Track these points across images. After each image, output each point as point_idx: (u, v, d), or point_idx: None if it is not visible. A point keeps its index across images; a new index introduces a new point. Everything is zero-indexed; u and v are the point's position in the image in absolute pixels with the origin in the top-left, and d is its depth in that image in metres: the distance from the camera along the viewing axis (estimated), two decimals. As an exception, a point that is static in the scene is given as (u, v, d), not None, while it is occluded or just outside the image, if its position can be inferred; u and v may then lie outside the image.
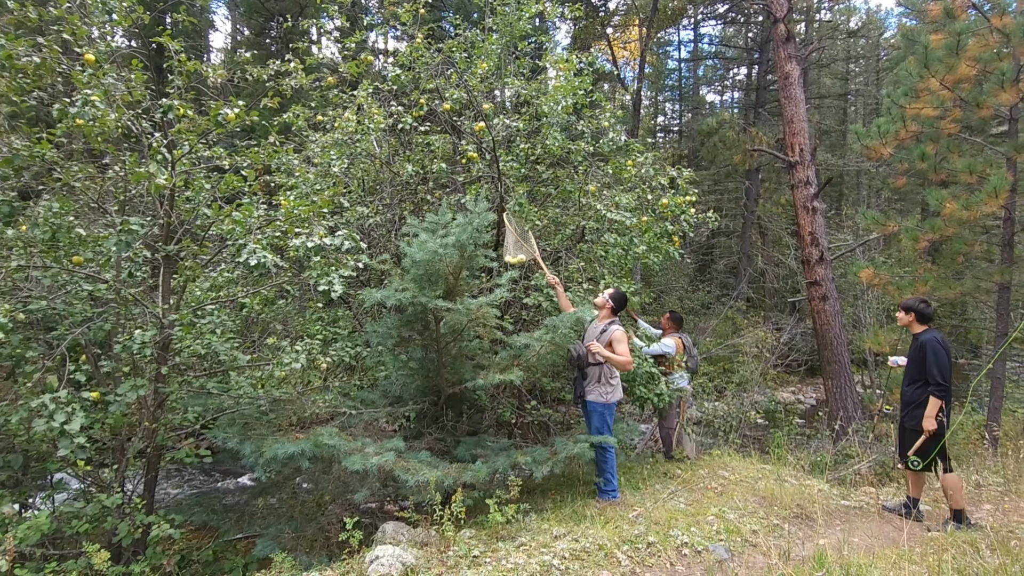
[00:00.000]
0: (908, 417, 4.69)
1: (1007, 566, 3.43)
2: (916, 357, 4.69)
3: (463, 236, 4.60)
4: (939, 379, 4.48)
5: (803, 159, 10.60)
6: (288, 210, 4.60)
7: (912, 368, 4.75)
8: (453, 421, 5.81)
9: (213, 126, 4.44)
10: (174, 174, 4.67)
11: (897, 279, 8.40)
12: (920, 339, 4.63)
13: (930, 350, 4.52)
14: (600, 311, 5.26)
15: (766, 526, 4.59)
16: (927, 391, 4.53)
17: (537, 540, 4.01)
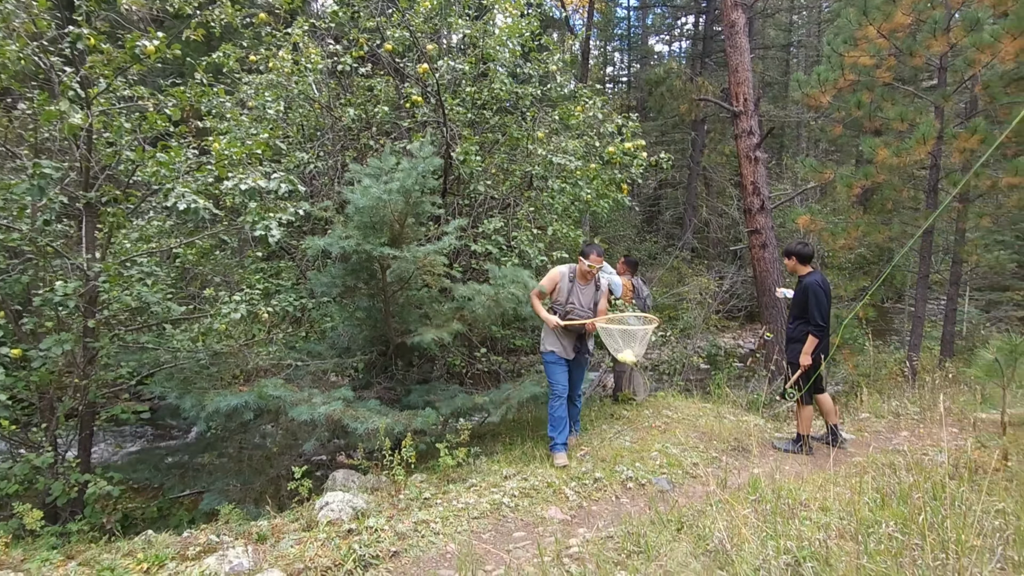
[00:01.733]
0: (789, 352, 4.99)
1: (920, 483, 3.72)
2: (799, 298, 4.94)
3: (408, 182, 4.47)
4: (819, 320, 4.74)
5: (747, 109, 10.73)
6: (219, 153, 4.33)
7: (795, 307, 5.02)
8: (403, 371, 5.79)
9: (130, 60, 4.09)
10: (91, 114, 4.31)
11: (831, 225, 8.75)
12: (804, 282, 4.88)
13: (811, 293, 4.77)
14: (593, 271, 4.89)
15: (706, 459, 4.82)
16: (807, 329, 4.81)
17: (487, 481, 4.09)
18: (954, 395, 6.92)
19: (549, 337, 4.71)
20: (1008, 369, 4.16)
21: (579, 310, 4.64)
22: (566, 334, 4.66)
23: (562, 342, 4.67)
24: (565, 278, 4.62)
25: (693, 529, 3.24)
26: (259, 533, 3.26)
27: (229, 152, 4.37)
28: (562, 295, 4.63)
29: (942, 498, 3.44)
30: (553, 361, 4.69)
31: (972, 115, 7.82)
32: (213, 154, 4.63)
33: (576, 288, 4.64)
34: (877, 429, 5.83)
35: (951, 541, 2.82)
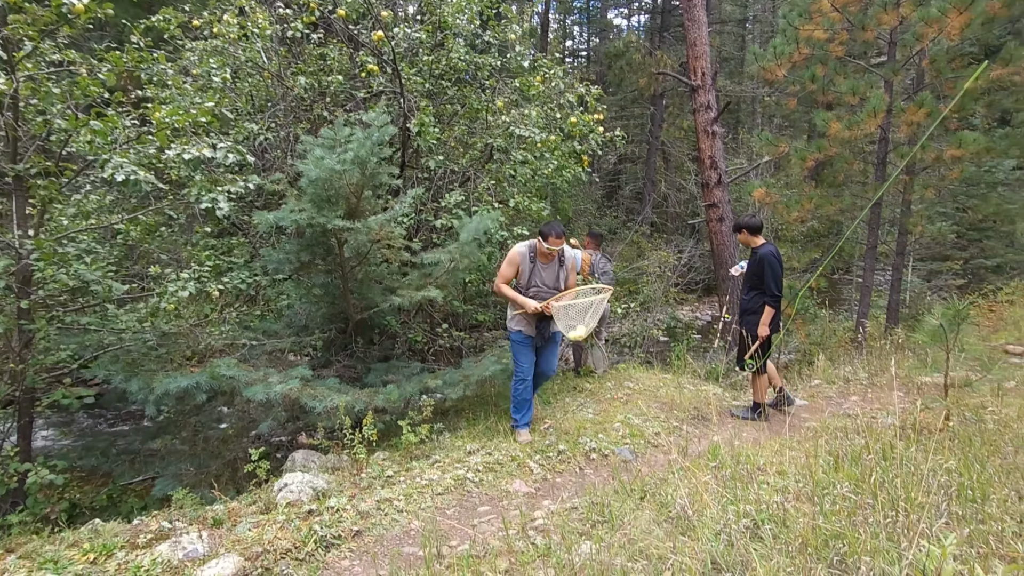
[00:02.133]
0: (745, 323, 5.07)
1: (871, 444, 3.86)
2: (754, 269, 5.02)
3: (362, 152, 4.31)
4: (774, 290, 4.85)
5: (705, 83, 10.78)
6: (160, 121, 4.08)
7: (750, 278, 5.10)
8: (363, 348, 5.68)
9: (57, 20, 3.78)
10: (16, 79, 3.99)
11: (786, 198, 8.92)
12: (759, 253, 4.96)
13: (767, 264, 4.86)
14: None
15: (667, 428, 4.90)
16: (763, 300, 4.91)
17: (451, 457, 4.06)
18: (900, 360, 7.22)
19: (516, 319, 4.48)
20: (951, 334, 4.33)
21: (544, 291, 4.43)
22: (533, 316, 4.45)
23: (531, 322, 4.49)
24: (526, 258, 4.37)
25: (656, 497, 3.29)
26: (215, 518, 3.15)
27: (171, 121, 4.12)
28: (524, 277, 4.39)
29: (891, 458, 3.57)
30: (520, 341, 4.49)
31: (919, 89, 8.04)
32: (154, 124, 4.37)
33: (538, 267, 4.41)
34: (829, 395, 6.04)
35: (901, 499, 2.93)
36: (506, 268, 4.40)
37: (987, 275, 14.76)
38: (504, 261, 4.43)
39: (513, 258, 4.38)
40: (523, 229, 5.84)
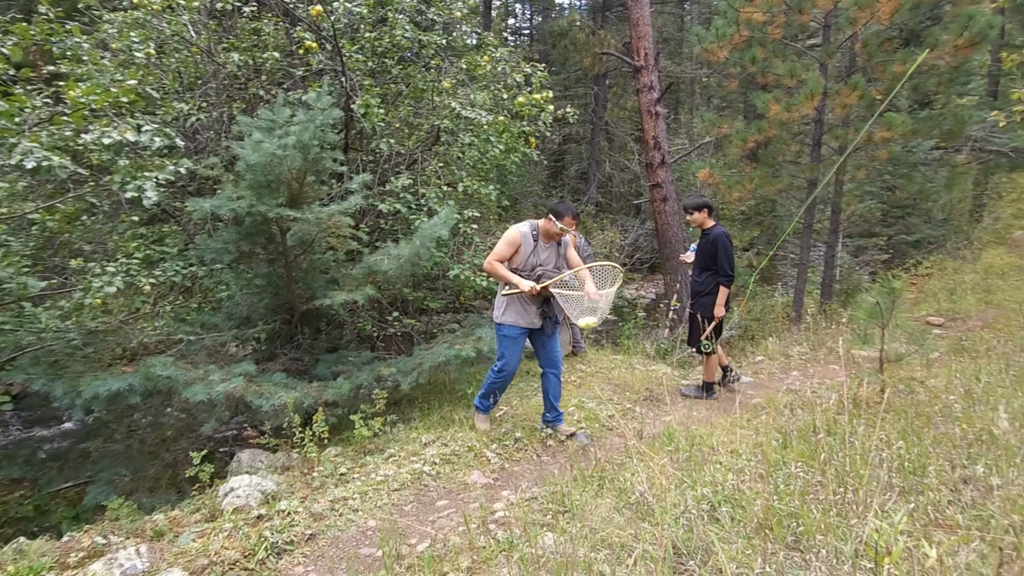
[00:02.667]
0: (698, 305, 5.13)
1: (816, 421, 4.02)
2: (707, 250, 5.06)
3: (305, 136, 4.09)
4: (728, 270, 4.95)
5: (647, 63, 10.84)
6: (76, 100, 3.73)
7: (702, 259, 5.14)
8: (310, 339, 5.47)
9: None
10: (-100, 53, 3.56)
11: (727, 178, 9.13)
12: (712, 234, 5.02)
13: (720, 245, 4.94)
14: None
15: (621, 410, 4.96)
16: (716, 281, 4.99)
17: (406, 450, 3.97)
18: (835, 335, 7.56)
19: (511, 306, 4.05)
20: (887, 311, 4.54)
21: (550, 272, 4.04)
22: (533, 300, 4.04)
23: (527, 310, 4.06)
24: (528, 237, 3.98)
25: (615, 483, 3.31)
26: (155, 529, 2.97)
27: (88, 100, 3.77)
28: (522, 259, 3.99)
29: (836, 434, 3.73)
30: (513, 336, 4.10)
31: (851, 72, 8.32)
32: (69, 103, 3.99)
33: (539, 248, 4.04)
34: (771, 371, 6.26)
35: (848, 475, 3.05)
36: (503, 248, 3.97)
37: (908, 250, 15.63)
38: (501, 241, 4.02)
39: (514, 239, 3.96)
40: (473, 211, 5.72)
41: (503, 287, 4.10)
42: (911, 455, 3.38)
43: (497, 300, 4.15)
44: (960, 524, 2.71)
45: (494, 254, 4.01)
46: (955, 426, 3.84)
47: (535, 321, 4.12)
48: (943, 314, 9.49)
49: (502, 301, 4.08)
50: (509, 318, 4.07)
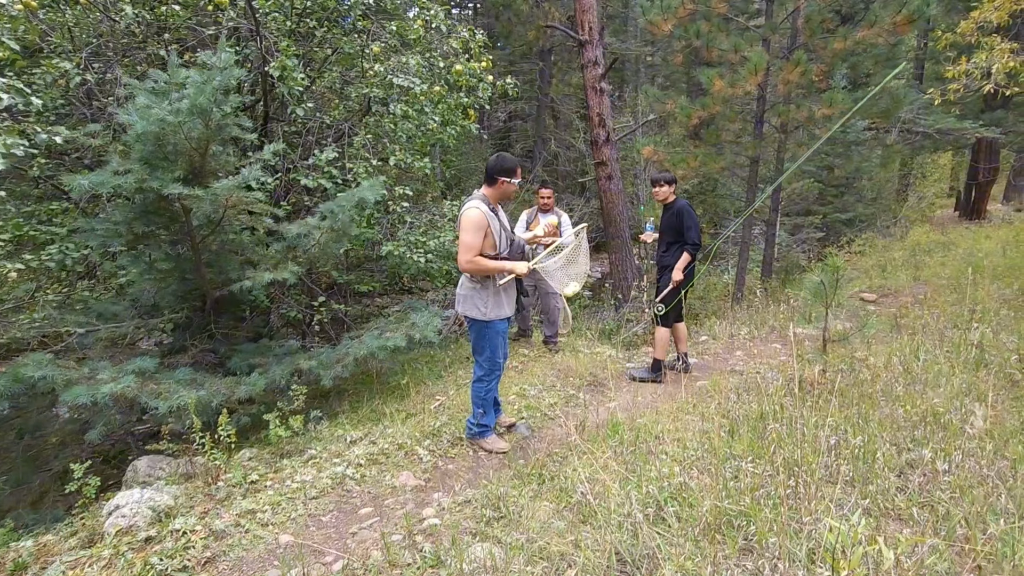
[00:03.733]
0: (665, 280, 4.99)
1: (763, 406, 3.88)
2: (672, 224, 4.92)
3: (201, 99, 3.58)
4: (695, 239, 4.82)
5: (592, 38, 10.54)
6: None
7: (668, 234, 4.99)
8: (229, 328, 4.99)
9: None
10: None
11: (672, 155, 8.99)
12: (676, 206, 4.89)
13: (687, 215, 4.82)
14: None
15: (563, 398, 4.72)
16: (682, 250, 4.85)
17: (330, 450, 3.60)
18: (776, 313, 7.58)
19: (497, 297, 3.54)
20: (831, 291, 4.45)
21: (518, 244, 3.68)
22: (512, 284, 3.64)
23: (509, 296, 3.64)
24: (490, 214, 3.40)
25: (555, 482, 3.05)
26: (17, 561, 2.52)
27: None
28: (494, 238, 3.43)
29: (782, 419, 3.59)
30: (502, 331, 3.65)
31: (793, 49, 8.27)
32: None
33: (500, 217, 3.56)
34: (716, 351, 6.17)
35: (799, 468, 2.89)
36: (474, 237, 3.32)
37: (842, 228, 16.11)
38: (468, 230, 3.33)
39: (480, 222, 3.33)
40: (406, 189, 5.31)
41: (495, 279, 3.52)
42: (858, 440, 3.28)
43: (476, 296, 3.52)
44: (912, 516, 2.59)
45: (469, 248, 3.33)
46: (898, 407, 3.79)
47: (514, 306, 3.71)
48: (875, 290, 9.73)
49: (486, 295, 3.51)
50: (497, 312, 3.56)
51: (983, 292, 7.06)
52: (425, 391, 4.81)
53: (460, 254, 3.36)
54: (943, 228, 16.61)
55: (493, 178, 3.45)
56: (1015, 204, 22.05)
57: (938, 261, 11.55)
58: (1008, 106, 17.40)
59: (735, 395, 4.27)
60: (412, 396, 4.66)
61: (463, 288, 3.55)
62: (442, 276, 5.77)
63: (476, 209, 3.33)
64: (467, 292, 3.53)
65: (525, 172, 21.66)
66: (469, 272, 3.43)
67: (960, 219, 20.05)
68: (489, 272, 3.45)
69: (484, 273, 3.45)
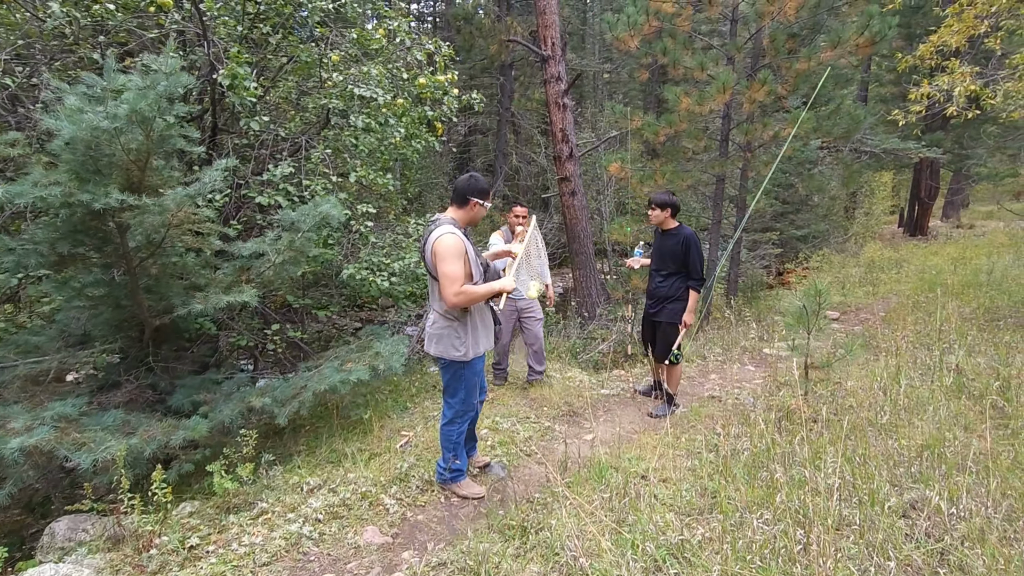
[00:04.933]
0: (665, 312, 4.65)
1: (752, 439, 3.69)
2: (674, 251, 4.59)
3: (142, 105, 3.19)
4: (701, 274, 4.58)
5: (555, 53, 10.46)
6: None
7: (668, 262, 4.65)
8: (172, 359, 4.52)
9: None
10: None
11: (638, 172, 8.90)
12: (683, 235, 4.55)
13: (695, 247, 4.52)
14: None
15: (538, 430, 4.43)
16: (687, 284, 4.59)
17: (283, 502, 3.21)
18: (746, 332, 7.51)
19: (471, 335, 3.15)
20: (813, 315, 4.33)
21: (494, 268, 3.36)
22: (488, 313, 3.30)
23: (487, 322, 3.29)
24: (463, 238, 3.06)
25: (540, 536, 2.75)
26: None
27: None
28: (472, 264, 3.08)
29: (774, 456, 3.40)
30: (479, 369, 3.31)
31: (756, 68, 8.32)
32: None
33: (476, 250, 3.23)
34: (690, 374, 6.00)
35: (797, 510, 2.68)
36: (458, 265, 2.96)
37: (797, 244, 16.43)
38: (448, 260, 2.94)
39: (459, 247, 2.98)
40: (370, 207, 4.95)
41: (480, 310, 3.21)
42: (858, 479, 3.10)
43: (452, 335, 3.11)
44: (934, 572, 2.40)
45: (454, 279, 2.94)
46: (889, 438, 3.65)
47: (492, 337, 3.34)
48: (836, 307, 9.84)
49: (464, 331, 3.12)
50: (476, 349, 3.18)
51: (945, 311, 7.15)
52: (390, 426, 4.46)
53: (445, 288, 2.97)
54: (893, 244, 17.18)
55: (465, 199, 3.15)
56: (953, 221, 23.15)
57: (893, 278, 11.84)
58: (946, 128, 18.23)
59: (720, 427, 4.07)
60: (375, 432, 4.29)
61: (436, 326, 3.19)
62: (407, 298, 5.42)
63: (452, 235, 2.98)
64: (441, 331, 3.16)
65: (486, 186, 21.50)
66: (459, 305, 3.03)
67: (904, 235, 20.88)
68: (481, 299, 3.08)
69: (476, 302, 3.08)
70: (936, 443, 3.51)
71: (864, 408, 4.18)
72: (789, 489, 2.97)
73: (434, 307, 3.21)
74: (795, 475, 3.15)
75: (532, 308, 5.30)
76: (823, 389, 4.68)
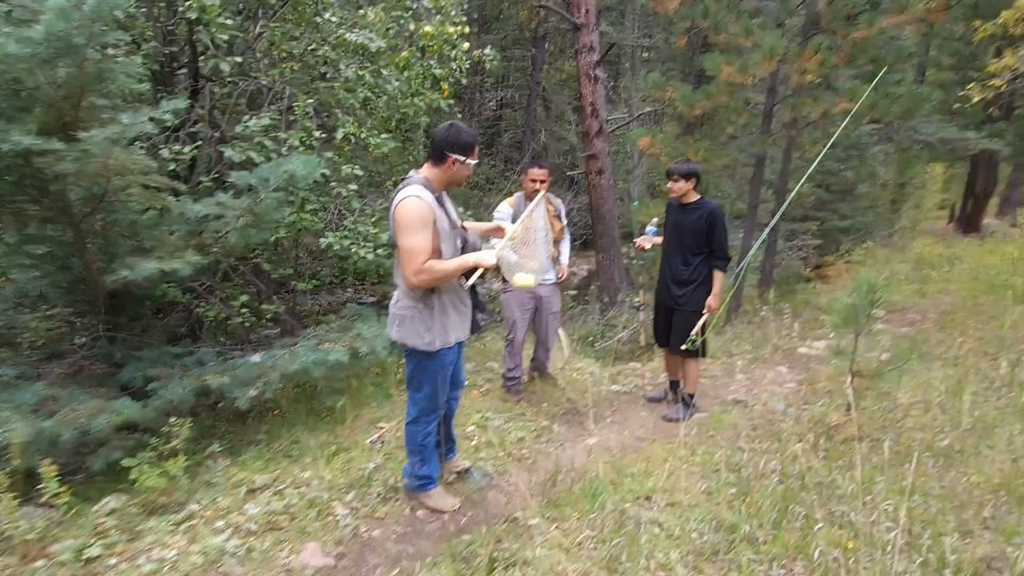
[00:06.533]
0: (686, 298, 4.01)
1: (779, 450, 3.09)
2: (696, 228, 3.94)
3: (59, 26, 2.67)
4: (727, 253, 3.95)
5: (588, 21, 9.72)
6: None
7: (689, 241, 3.98)
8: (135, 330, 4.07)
9: None
10: None
11: (671, 149, 8.17)
12: (707, 209, 3.91)
13: (721, 223, 3.87)
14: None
15: (534, 431, 3.88)
16: (713, 265, 3.95)
17: (218, 505, 2.73)
18: (779, 328, 6.81)
19: (439, 320, 2.61)
20: (865, 315, 3.66)
21: (473, 243, 2.72)
22: (465, 296, 2.75)
23: (464, 308, 2.74)
24: (434, 204, 2.52)
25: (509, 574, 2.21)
26: None
27: None
28: (442, 233, 2.54)
29: (809, 486, 2.79)
30: (450, 362, 2.76)
31: (809, 35, 7.47)
32: None
33: (448, 207, 2.67)
34: (713, 373, 5.36)
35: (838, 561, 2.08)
36: (421, 237, 2.42)
37: (839, 236, 15.43)
38: (409, 230, 2.41)
39: (425, 216, 2.44)
40: (356, 168, 4.40)
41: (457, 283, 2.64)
42: (914, 522, 2.48)
43: (417, 318, 2.58)
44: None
45: (415, 253, 2.40)
46: (955, 470, 3.01)
47: (469, 325, 2.80)
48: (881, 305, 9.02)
49: (430, 316, 2.59)
50: (445, 338, 2.64)
51: (1010, 316, 6.33)
52: (367, 416, 3.96)
53: (405, 264, 2.42)
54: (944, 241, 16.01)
55: (443, 154, 2.55)
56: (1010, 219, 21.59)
57: (944, 276, 10.88)
58: (1010, 119, 16.81)
59: (744, 441, 3.46)
60: (348, 423, 3.79)
61: (399, 306, 2.63)
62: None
63: (417, 199, 2.42)
64: (405, 312, 2.61)
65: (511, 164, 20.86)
66: (421, 286, 2.48)
67: (956, 231, 19.55)
68: (449, 277, 2.53)
69: (443, 280, 2.54)
70: (1013, 480, 2.85)
71: (921, 428, 3.52)
72: (828, 531, 2.37)
73: (398, 283, 2.65)
74: (836, 513, 2.54)
75: (552, 298, 4.45)
76: (871, 402, 4.01)
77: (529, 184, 4.14)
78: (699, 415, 4.22)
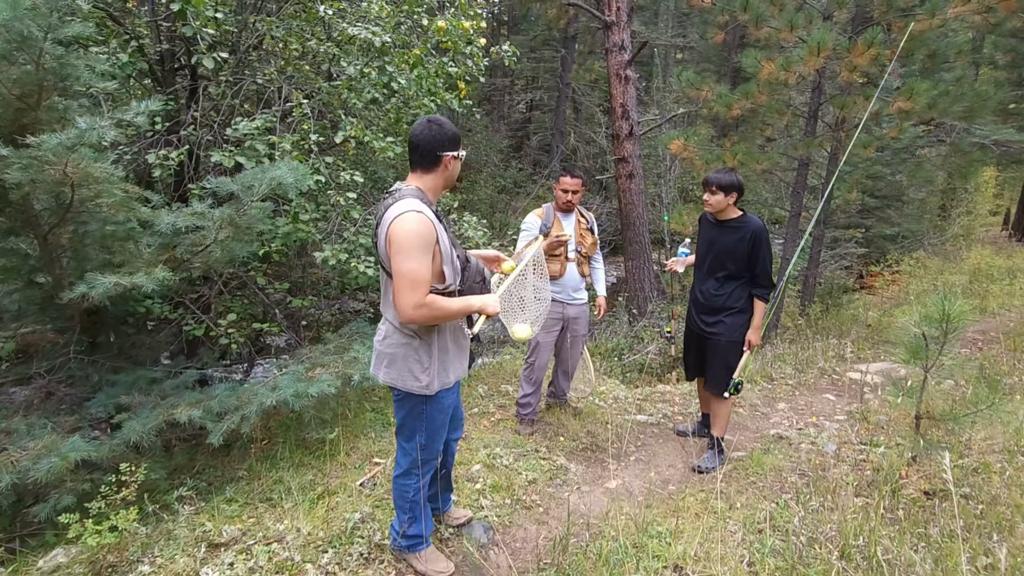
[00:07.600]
0: (724, 328, 3.46)
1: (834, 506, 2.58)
2: (736, 250, 3.40)
3: (7, 16, 2.34)
4: (771, 279, 3.41)
5: (619, 20, 9.26)
6: None
7: (726, 262, 3.45)
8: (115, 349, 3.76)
9: None
10: None
11: (704, 152, 7.62)
12: (749, 227, 3.36)
13: (764, 243, 3.33)
14: None
15: (547, 471, 3.43)
16: (755, 293, 3.41)
17: (175, 565, 2.35)
18: (823, 349, 6.21)
19: (438, 358, 2.20)
20: (936, 349, 3.12)
21: (475, 265, 2.32)
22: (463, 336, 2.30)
23: (462, 350, 2.31)
24: (439, 229, 2.08)
25: None
26: None
27: None
28: (445, 256, 2.10)
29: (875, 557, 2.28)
30: (448, 404, 2.31)
31: (859, 29, 6.86)
32: None
33: (448, 230, 2.20)
34: (752, 401, 4.82)
35: None
36: (423, 261, 1.98)
37: (885, 244, 14.57)
38: (410, 252, 1.96)
39: (427, 237, 1.99)
40: (356, 175, 4.01)
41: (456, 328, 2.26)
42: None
43: (411, 356, 2.16)
44: None
45: (417, 283, 1.96)
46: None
47: (467, 362, 2.38)
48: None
49: (428, 354, 2.17)
50: (444, 378, 2.23)
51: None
52: (363, 449, 3.56)
53: (401, 293, 1.96)
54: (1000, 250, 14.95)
55: (435, 156, 2.11)
56: (1071, 227, 20.19)
57: (1006, 290, 10.03)
58: (1073, 119, 15.66)
59: (790, 490, 2.95)
60: (341, 457, 3.40)
61: (388, 343, 2.19)
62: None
63: (417, 214, 1.97)
64: (396, 350, 2.17)
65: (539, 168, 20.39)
66: (417, 322, 2.05)
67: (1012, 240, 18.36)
68: (451, 318, 2.10)
69: (443, 320, 2.11)
70: None
71: (1007, 484, 2.96)
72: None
73: (386, 315, 2.23)
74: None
75: (581, 320, 3.94)
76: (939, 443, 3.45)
77: (561, 194, 3.67)
78: (737, 454, 3.72)
